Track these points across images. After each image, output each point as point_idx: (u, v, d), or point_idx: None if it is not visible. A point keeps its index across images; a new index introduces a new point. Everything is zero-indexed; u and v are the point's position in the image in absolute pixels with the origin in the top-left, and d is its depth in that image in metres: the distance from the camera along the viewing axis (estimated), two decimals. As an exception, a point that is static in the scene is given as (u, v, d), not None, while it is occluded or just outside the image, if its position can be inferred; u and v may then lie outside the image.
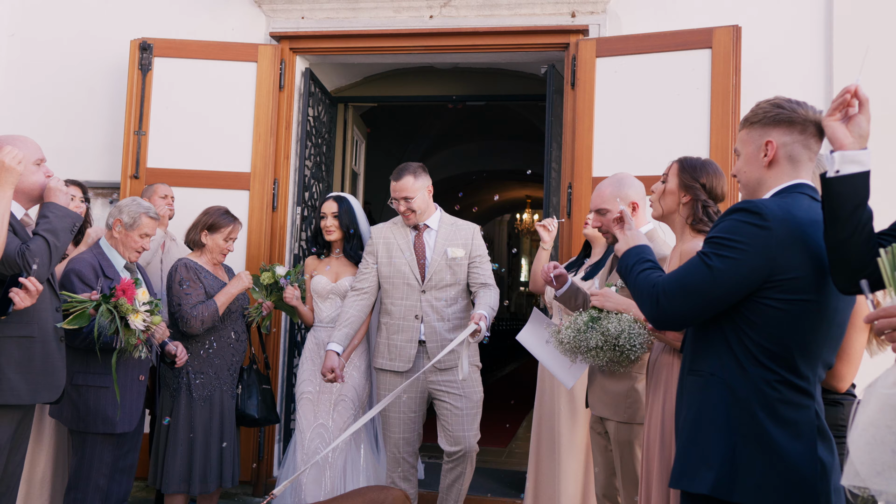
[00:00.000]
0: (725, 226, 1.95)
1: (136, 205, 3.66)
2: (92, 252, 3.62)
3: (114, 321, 3.16)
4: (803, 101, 2.03)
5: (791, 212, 1.90)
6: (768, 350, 1.90)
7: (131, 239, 3.59)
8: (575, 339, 2.84)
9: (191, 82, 5.07)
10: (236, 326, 3.96)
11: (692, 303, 1.97)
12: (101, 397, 3.48)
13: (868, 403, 1.49)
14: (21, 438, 3.08)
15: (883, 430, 1.45)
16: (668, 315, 2.04)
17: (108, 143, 5.28)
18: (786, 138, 2.00)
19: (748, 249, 1.88)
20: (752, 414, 1.89)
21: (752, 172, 2.07)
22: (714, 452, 1.92)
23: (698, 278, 1.95)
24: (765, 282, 1.88)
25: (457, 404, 3.78)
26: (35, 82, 5.48)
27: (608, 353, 2.79)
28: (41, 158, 3.06)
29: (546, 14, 4.94)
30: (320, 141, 5.69)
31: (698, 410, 2.00)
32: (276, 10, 5.20)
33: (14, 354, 2.91)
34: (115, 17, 5.37)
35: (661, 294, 2.02)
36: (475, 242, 3.92)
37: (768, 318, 1.89)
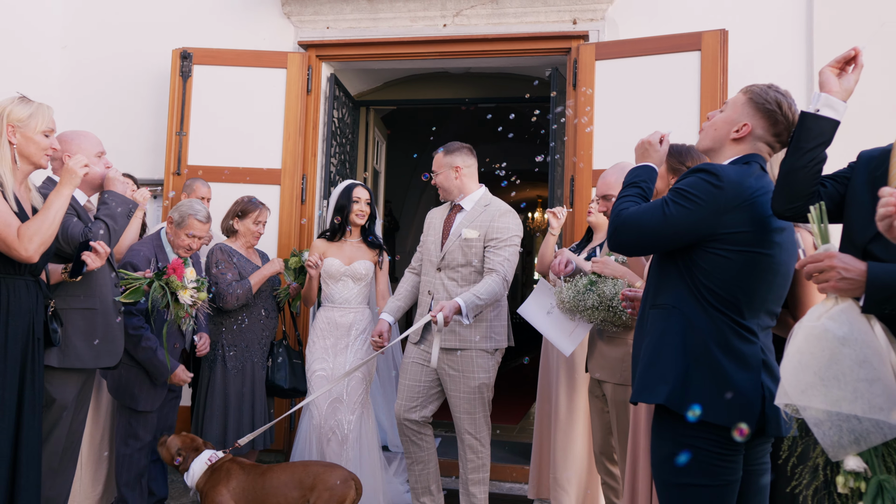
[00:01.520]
0: (688, 181, 2.13)
1: (188, 206, 3.82)
2: (151, 243, 3.82)
3: (165, 296, 3.41)
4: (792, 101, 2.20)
5: (744, 178, 2.10)
6: (718, 295, 2.08)
7: (179, 237, 3.79)
8: (574, 299, 3.08)
9: (227, 87, 5.26)
10: (266, 305, 4.17)
11: (642, 238, 2.16)
12: (129, 375, 3.71)
13: (796, 335, 1.70)
14: (83, 399, 3.33)
15: (807, 356, 1.66)
16: (619, 242, 2.22)
17: (152, 143, 5.48)
18: (761, 131, 2.19)
19: (701, 203, 2.07)
20: (706, 344, 2.06)
21: (720, 133, 2.25)
22: (670, 371, 2.08)
23: (653, 221, 2.13)
24: (711, 234, 2.07)
25: (451, 386, 3.69)
26: (87, 89, 5.67)
27: (602, 313, 3.02)
28: (101, 151, 3.31)
29: (550, 21, 5.11)
30: (344, 141, 5.92)
31: (659, 337, 2.16)
32: (303, 21, 5.45)
33: (79, 324, 3.15)
34: (158, 29, 5.56)
35: (621, 224, 2.18)
36: (493, 225, 3.67)
37: (716, 265, 2.08)
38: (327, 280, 4.09)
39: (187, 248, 3.81)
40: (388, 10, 5.30)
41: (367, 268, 4.11)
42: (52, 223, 2.76)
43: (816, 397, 1.63)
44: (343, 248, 4.14)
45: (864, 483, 1.60)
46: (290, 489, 3.37)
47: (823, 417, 1.62)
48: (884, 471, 1.60)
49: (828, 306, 1.69)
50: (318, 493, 3.34)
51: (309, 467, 3.48)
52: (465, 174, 3.79)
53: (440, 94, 6.76)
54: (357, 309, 4.12)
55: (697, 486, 2.08)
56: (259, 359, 4.12)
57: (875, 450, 1.61)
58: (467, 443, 3.70)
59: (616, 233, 2.20)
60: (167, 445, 3.46)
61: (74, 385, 3.19)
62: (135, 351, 3.61)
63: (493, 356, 3.71)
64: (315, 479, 3.38)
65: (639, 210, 2.19)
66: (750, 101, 2.21)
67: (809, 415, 1.64)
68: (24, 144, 2.82)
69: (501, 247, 3.64)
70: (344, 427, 3.96)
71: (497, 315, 3.73)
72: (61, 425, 3.15)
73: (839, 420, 1.61)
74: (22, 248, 2.67)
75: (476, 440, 3.70)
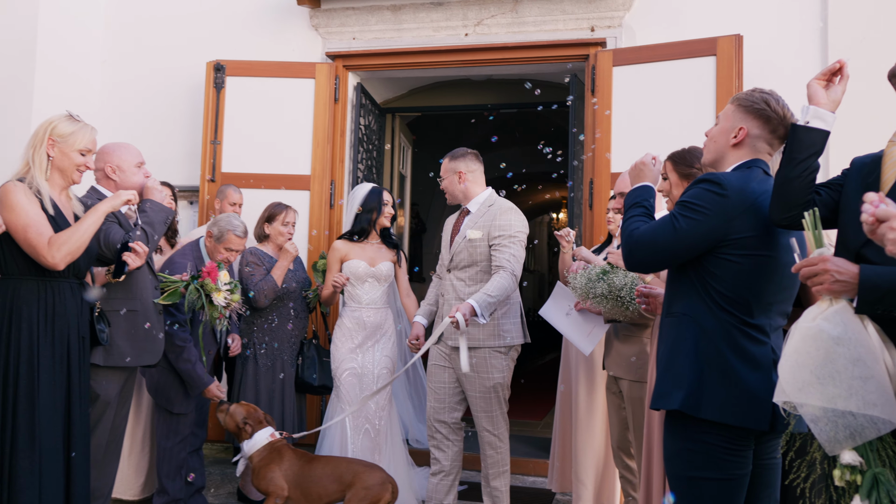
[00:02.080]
0: (693, 192, 2.17)
1: (227, 222, 3.92)
2: (192, 253, 3.94)
3: (200, 298, 3.53)
4: (789, 105, 2.24)
5: (747, 183, 2.13)
6: (728, 297, 2.11)
7: (218, 250, 3.90)
8: (585, 286, 3.14)
9: (258, 97, 5.37)
10: (296, 305, 4.27)
11: (657, 254, 2.20)
12: (167, 379, 3.83)
13: (793, 336, 1.75)
14: (126, 395, 3.46)
15: (803, 355, 1.70)
16: (636, 260, 2.25)
17: (188, 151, 5.61)
18: (757, 131, 2.22)
19: (708, 213, 2.11)
20: (717, 347, 2.10)
21: (719, 144, 2.29)
22: (684, 377, 2.12)
23: (665, 236, 2.16)
24: (722, 240, 2.11)
25: (468, 386, 3.69)
26: (126, 102, 5.82)
27: (611, 302, 3.08)
28: (141, 161, 3.43)
29: (568, 29, 5.16)
30: (371, 147, 6.01)
31: (672, 344, 2.20)
32: (330, 33, 5.55)
33: (122, 325, 3.28)
34: (192, 42, 5.68)
35: (634, 244, 2.22)
36: (495, 224, 3.66)
37: (726, 270, 2.12)
38: (353, 281, 4.11)
39: (225, 260, 3.91)
40: (412, 20, 5.38)
41: (389, 268, 4.18)
42: (81, 236, 2.87)
43: (813, 395, 1.67)
44: (365, 250, 4.17)
45: (859, 476, 1.64)
46: (331, 482, 3.47)
47: (820, 414, 1.67)
48: (879, 464, 1.64)
49: (822, 307, 1.74)
50: (356, 490, 3.43)
51: (351, 464, 3.58)
52: (468, 179, 3.80)
53: (463, 100, 6.83)
54: (383, 309, 4.19)
55: (707, 479, 2.13)
56: (289, 357, 4.23)
57: (870, 444, 1.65)
58: (486, 440, 3.71)
59: (631, 253, 2.24)
60: (231, 413, 3.53)
61: (117, 382, 3.32)
62: (176, 361, 3.73)
63: (507, 355, 3.70)
64: (354, 476, 3.47)
65: (650, 228, 2.22)
66: (739, 108, 2.25)
67: (806, 411, 1.68)
68: (59, 159, 2.94)
69: (506, 244, 3.62)
70: (375, 422, 4.05)
71: (506, 313, 3.70)
72: (105, 420, 3.28)
73: (835, 416, 1.65)
74: (49, 255, 2.78)
75: (494, 436, 3.71)
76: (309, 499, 3.46)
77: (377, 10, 5.43)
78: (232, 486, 4.61)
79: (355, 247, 4.16)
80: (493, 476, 3.74)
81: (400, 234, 7.12)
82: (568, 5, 5.15)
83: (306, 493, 3.45)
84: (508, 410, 3.78)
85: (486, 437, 3.72)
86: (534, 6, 5.19)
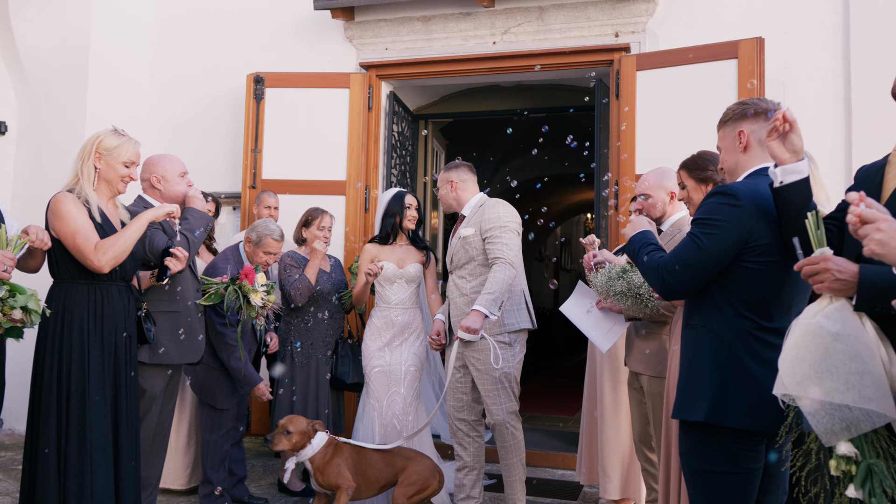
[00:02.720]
0: (707, 208, 2.18)
1: (264, 227, 4.03)
2: (232, 258, 4.05)
3: (238, 299, 3.66)
4: (763, 97, 2.28)
5: (758, 190, 2.13)
6: (747, 303, 2.12)
7: (257, 255, 4.01)
8: (605, 284, 3.18)
9: (295, 107, 5.50)
10: (330, 307, 4.35)
11: (690, 276, 2.17)
12: (212, 377, 3.97)
13: (794, 331, 1.77)
14: (172, 391, 3.59)
15: (803, 350, 1.72)
16: (672, 288, 2.22)
17: (231, 160, 5.78)
18: (753, 126, 2.23)
19: (727, 225, 2.10)
20: (737, 355, 2.10)
21: (731, 159, 2.31)
22: (706, 388, 2.12)
23: (691, 255, 2.15)
24: (743, 248, 2.11)
25: (478, 378, 3.73)
26: (173, 113, 6.02)
27: (630, 299, 3.11)
28: (184, 171, 3.56)
29: (593, 35, 5.18)
30: (404, 152, 6.10)
31: (693, 355, 2.21)
32: (364, 44, 5.66)
33: (166, 325, 3.42)
34: (233, 56, 5.85)
35: (665, 272, 2.21)
36: (484, 218, 3.75)
37: (746, 277, 2.12)
38: (382, 282, 4.18)
39: (264, 263, 4.03)
40: (441, 30, 5.46)
41: (417, 269, 4.22)
42: (125, 242, 2.99)
43: (811, 388, 1.69)
44: (394, 252, 4.23)
45: (854, 467, 1.66)
46: (384, 466, 3.67)
47: (818, 407, 1.68)
48: (873, 455, 1.65)
49: (823, 305, 1.75)
50: (407, 474, 3.63)
51: (402, 451, 3.75)
52: (460, 188, 3.90)
53: (493, 106, 6.87)
54: (412, 309, 4.25)
55: (721, 473, 2.15)
56: (323, 355, 4.32)
57: (865, 436, 1.66)
58: (498, 430, 3.75)
59: (664, 280, 2.22)
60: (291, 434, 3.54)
61: (163, 378, 3.45)
62: (228, 360, 3.87)
63: (512, 347, 3.73)
64: (407, 461, 3.67)
65: (675, 253, 2.22)
66: (730, 121, 2.29)
67: (805, 404, 1.70)
68: (105, 170, 3.07)
69: (497, 235, 3.69)
70: (403, 418, 4.10)
71: (505, 301, 3.72)
72: (152, 413, 3.42)
73: (832, 409, 1.67)
74: (95, 259, 2.90)
75: (504, 427, 3.72)
76: (368, 482, 3.64)
77: (408, 21, 5.52)
78: (273, 477, 4.74)
79: (384, 249, 4.23)
80: (509, 466, 3.76)
81: (434, 235, 7.20)
82: (593, 12, 5.17)
83: (365, 478, 3.62)
84: (538, 406, 3.83)
85: (498, 428, 3.74)
86: (559, 14, 5.23)
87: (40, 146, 5.65)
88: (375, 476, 3.65)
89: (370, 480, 3.65)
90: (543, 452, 5.26)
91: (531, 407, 7.18)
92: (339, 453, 3.62)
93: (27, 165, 5.74)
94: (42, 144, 5.64)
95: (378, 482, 3.68)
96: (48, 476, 2.85)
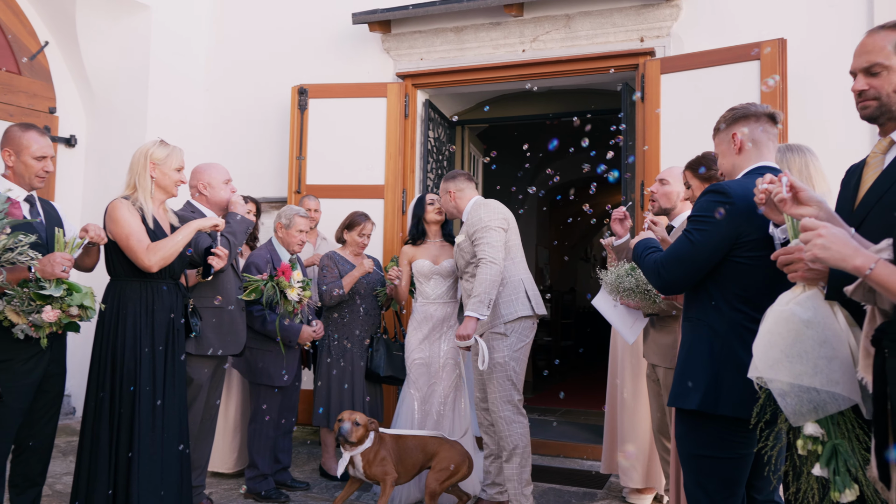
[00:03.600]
0: (699, 206, 2.24)
1: (289, 209, 4.26)
2: (266, 249, 4.25)
3: (276, 294, 3.84)
4: (753, 102, 2.33)
5: (749, 189, 2.15)
6: (740, 296, 2.17)
7: (290, 235, 4.19)
8: (615, 281, 3.25)
9: (336, 116, 5.67)
10: (366, 303, 4.50)
11: (683, 270, 2.24)
12: (267, 359, 4.12)
13: (767, 318, 1.82)
14: (217, 380, 3.80)
15: (776, 335, 1.77)
16: (667, 282, 2.30)
17: (277, 166, 5.98)
18: (745, 129, 2.30)
19: (717, 221, 2.16)
20: (730, 347, 2.15)
21: (727, 162, 2.37)
22: (700, 379, 2.19)
23: (685, 251, 2.22)
24: (734, 244, 2.17)
25: (476, 372, 3.92)
26: (224, 124, 6.27)
27: (639, 295, 3.18)
28: (228, 179, 3.76)
29: (618, 41, 5.20)
30: (441, 157, 6.22)
31: (689, 347, 2.27)
32: (400, 55, 5.81)
33: (210, 320, 3.63)
34: (279, 71, 6.06)
35: (661, 267, 2.30)
36: (469, 222, 3.86)
37: (738, 272, 2.18)
38: (420, 279, 4.29)
39: (300, 242, 4.20)
40: (473, 40, 5.57)
41: (451, 265, 4.29)
42: (174, 246, 3.20)
43: (782, 371, 1.74)
44: (429, 250, 4.34)
45: (820, 446, 1.71)
46: (419, 452, 3.80)
47: (788, 389, 1.74)
48: (838, 436, 1.69)
49: (796, 293, 1.80)
50: (438, 459, 3.77)
51: (435, 438, 3.89)
52: (458, 196, 4.02)
53: (527, 110, 6.92)
54: (450, 303, 4.34)
55: (712, 458, 2.21)
56: (359, 350, 4.46)
57: (831, 418, 1.71)
58: (493, 419, 3.80)
59: (659, 274, 2.30)
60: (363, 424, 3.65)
61: (208, 368, 3.66)
62: (263, 327, 4.00)
63: (508, 337, 3.76)
64: (438, 447, 3.81)
65: (670, 250, 2.30)
66: (722, 128, 2.36)
67: (775, 386, 1.75)
68: (161, 178, 3.29)
69: (480, 236, 3.75)
70: (440, 409, 4.21)
71: (499, 293, 3.78)
72: (199, 400, 3.63)
73: (801, 391, 1.72)
74: (146, 258, 3.12)
75: (500, 418, 3.74)
76: (406, 469, 3.78)
77: (442, 33, 5.65)
78: (315, 463, 4.92)
79: (420, 248, 4.36)
80: (508, 457, 3.77)
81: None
82: (618, 18, 5.20)
83: (404, 465, 3.77)
84: (577, 401, 3.84)
85: (494, 417, 3.79)
86: (586, 21, 5.27)
87: (106, 157, 5.97)
88: (412, 462, 3.79)
89: (408, 466, 3.79)
90: (574, 444, 5.31)
91: (570, 402, 7.23)
92: (384, 445, 3.74)
93: (95, 174, 6.08)
94: (107, 155, 5.96)
95: (414, 467, 3.81)
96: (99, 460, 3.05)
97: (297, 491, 4.31)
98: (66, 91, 6.03)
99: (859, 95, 1.88)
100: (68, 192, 5.97)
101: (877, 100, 1.84)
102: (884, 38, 1.83)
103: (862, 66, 1.86)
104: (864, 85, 1.85)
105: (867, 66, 1.84)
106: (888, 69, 1.82)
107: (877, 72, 1.83)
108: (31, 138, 3.16)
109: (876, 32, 1.87)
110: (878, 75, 1.83)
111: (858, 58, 1.88)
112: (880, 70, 1.82)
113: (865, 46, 1.86)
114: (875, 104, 1.85)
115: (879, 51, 1.82)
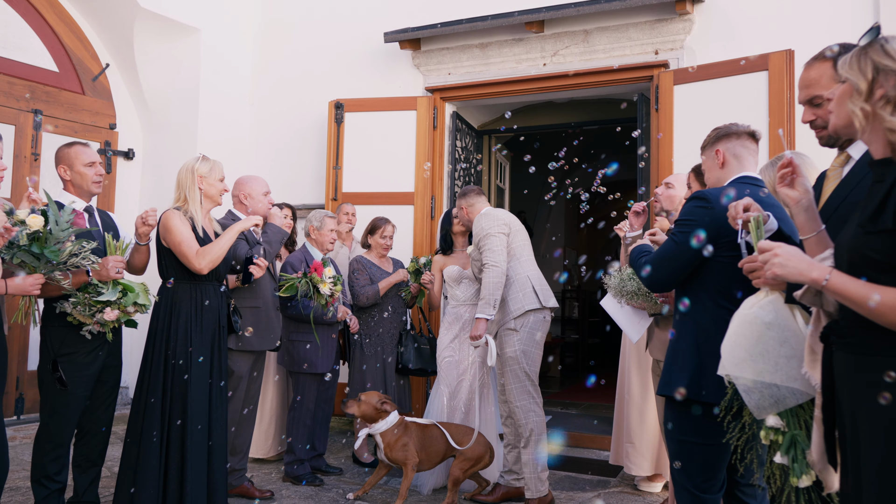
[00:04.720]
0: (684, 210, 2.37)
1: (319, 212, 4.46)
2: (301, 252, 4.45)
3: (309, 289, 4.05)
4: (736, 123, 2.44)
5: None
6: (721, 291, 2.28)
7: (323, 234, 4.39)
8: (619, 285, 3.36)
9: (370, 128, 5.86)
10: (393, 303, 4.69)
11: (669, 268, 2.38)
12: (306, 348, 4.31)
13: (734, 320, 1.91)
14: (258, 372, 4.02)
15: (740, 336, 1.87)
16: (654, 280, 2.43)
17: (315, 176, 6.21)
18: (728, 145, 2.42)
19: (697, 223, 2.28)
20: (713, 338, 2.22)
21: (713, 175, 2.49)
22: (686, 368, 2.30)
23: (670, 251, 2.36)
24: (714, 244, 2.25)
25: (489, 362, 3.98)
26: (267, 136, 6.53)
27: (641, 297, 3.28)
28: (267, 191, 3.98)
29: (634, 54, 5.29)
30: (467, 165, 6.35)
31: (677, 339, 2.39)
32: (429, 70, 5.98)
33: (248, 318, 3.84)
34: (317, 86, 6.28)
35: (650, 266, 2.43)
36: (475, 230, 4.01)
37: (718, 270, 2.29)
38: (450, 283, 4.44)
39: (332, 240, 4.41)
40: (497, 55, 5.70)
41: None
42: (220, 249, 3.42)
43: (746, 369, 1.85)
44: (458, 258, 4.51)
45: (781, 437, 1.81)
46: (443, 442, 3.94)
47: (752, 385, 1.84)
48: (797, 427, 1.80)
49: (759, 297, 1.90)
50: (463, 450, 3.90)
51: (459, 428, 4.02)
52: (469, 210, 4.23)
53: (550, 120, 7.01)
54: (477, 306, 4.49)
55: (695, 443, 2.33)
56: (390, 345, 4.64)
57: (791, 411, 1.81)
58: (511, 409, 3.91)
59: (649, 276, 2.43)
60: (366, 401, 3.87)
61: (247, 362, 3.88)
62: (299, 313, 4.15)
63: (518, 332, 3.87)
64: (462, 436, 3.95)
65: (657, 251, 2.45)
66: (708, 145, 2.47)
67: (741, 383, 1.86)
68: (208, 189, 3.52)
69: (483, 243, 3.91)
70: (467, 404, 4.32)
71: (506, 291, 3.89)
72: (240, 391, 3.85)
73: (763, 387, 1.82)
74: (196, 262, 3.34)
75: (517, 407, 3.85)
76: (430, 456, 3.93)
77: (468, 49, 5.80)
78: (349, 451, 5.13)
79: (450, 258, 4.54)
80: (523, 444, 3.88)
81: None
82: (633, 32, 5.28)
83: (428, 452, 3.92)
84: (602, 396, 3.89)
85: (510, 408, 3.91)
86: (603, 36, 5.36)
87: (161, 169, 6.27)
88: (437, 450, 3.94)
89: (431, 454, 3.94)
90: (591, 436, 5.41)
91: (595, 396, 7.31)
92: (407, 432, 3.90)
93: (150, 184, 6.39)
94: (162, 168, 6.26)
95: (438, 455, 3.96)
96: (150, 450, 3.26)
97: (330, 476, 4.51)
98: (124, 108, 6.36)
99: (810, 125, 1.97)
100: (127, 200, 6.31)
101: (825, 128, 1.93)
102: (818, 70, 1.92)
103: (805, 99, 1.95)
104: (811, 116, 1.95)
105: (809, 98, 1.93)
106: (829, 100, 1.90)
107: (818, 103, 1.92)
108: (77, 150, 3.43)
109: (811, 66, 1.96)
110: (821, 106, 1.92)
111: (801, 91, 1.98)
112: (821, 101, 1.92)
113: (804, 80, 1.96)
114: (826, 133, 1.94)
115: (816, 84, 1.92)
